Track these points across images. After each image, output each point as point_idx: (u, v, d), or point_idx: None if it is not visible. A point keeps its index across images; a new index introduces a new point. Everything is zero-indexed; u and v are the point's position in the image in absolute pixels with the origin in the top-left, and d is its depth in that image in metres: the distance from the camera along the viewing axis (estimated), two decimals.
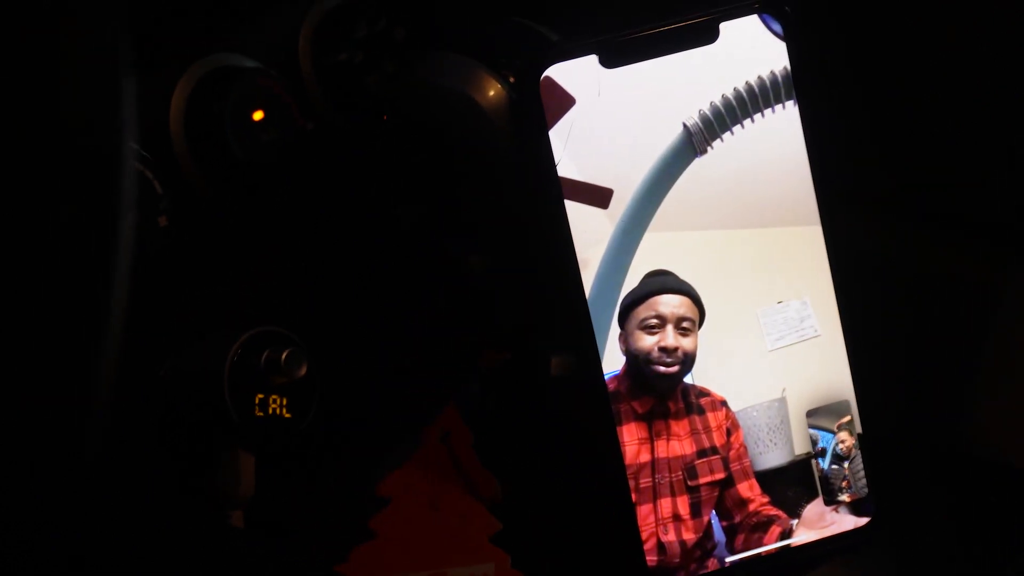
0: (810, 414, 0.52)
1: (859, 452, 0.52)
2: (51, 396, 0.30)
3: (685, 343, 0.51)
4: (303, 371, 0.49)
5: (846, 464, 0.52)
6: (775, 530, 0.52)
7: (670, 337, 0.51)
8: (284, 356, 0.48)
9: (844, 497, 0.52)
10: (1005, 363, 0.54)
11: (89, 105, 0.30)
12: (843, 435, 0.52)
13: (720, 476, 0.51)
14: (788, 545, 0.52)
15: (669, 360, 0.51)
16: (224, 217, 0.52)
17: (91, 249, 0.30)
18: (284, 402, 0.50)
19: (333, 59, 0.55)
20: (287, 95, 0.52)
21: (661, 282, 0.50)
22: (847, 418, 0.52)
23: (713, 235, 0.51)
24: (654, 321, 0.50)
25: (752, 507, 0.52)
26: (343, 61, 0.55)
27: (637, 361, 0.51)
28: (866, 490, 0.52)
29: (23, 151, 0.29)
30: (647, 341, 0.51)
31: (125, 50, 0.31)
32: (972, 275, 0.54)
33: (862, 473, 0.52)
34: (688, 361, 0.51)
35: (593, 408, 0.51)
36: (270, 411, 0.49)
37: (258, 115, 0.51)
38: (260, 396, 0.49)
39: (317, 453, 0.54)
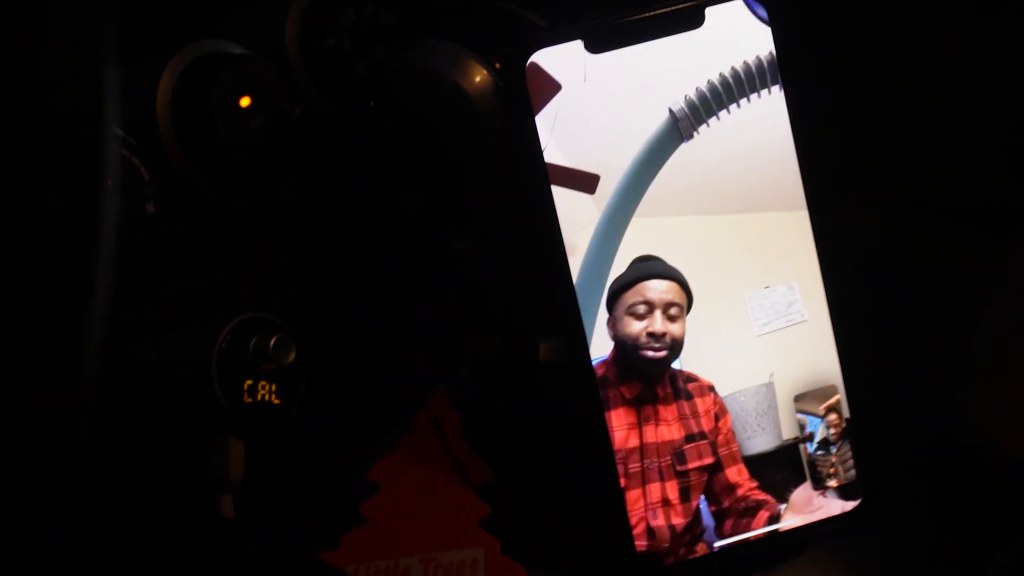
0: (798, 399, 0.52)
1: (847, 437, 0.52)
2: (37, 384, 0.30)
3: (673, 328, 0.51)
4: (292, 357, 0.49)
5: (834, 449, 0.52)
6: (763, 515, 0.52)
7: (658, 322, 0.51)
8: (272, 342, 0.48)
9: (832, 482, 0.52)
10: (992, 350, 0.54)
11: (71, 91, 0.30)
12: (831, 420, 0.52)
13: (708, 461, 0.51)
14: (776, 530, 0.52)
15: (657, 345, 0.51)
16: (212, 204, 0.52)
17: (75, 236, 0.30)
18: (273, 388, 0.50)
19: (321, 45, 0.54)
20: (275, 81, 0.52)
21: (649, 267, 0.50)
22: (835, 403, 0.52)
23: (700, 220, 0.51)
24: (642, 307, 0.51)
25: (740, 492, 0.52)
26: (331, 47, 0.55)
27: (625, 347, 0.51)
28: (854, 475, 0.52)
29: (3, 139, 0.29)
30: (635, 327, 0.51)
31: (109, 35, 0.31)
32: (957, 261, 0.54)
33: (850, 458, 0.52)
34: (676, 346, 0.51)
35: (581, 393, 0.51)
36: (259, 397, 0.49)
37: (245, 101, 0.51)
38: (249, 382, 0.49)
39: (307, 439, 0.54)
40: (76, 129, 0.30)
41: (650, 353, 0.51)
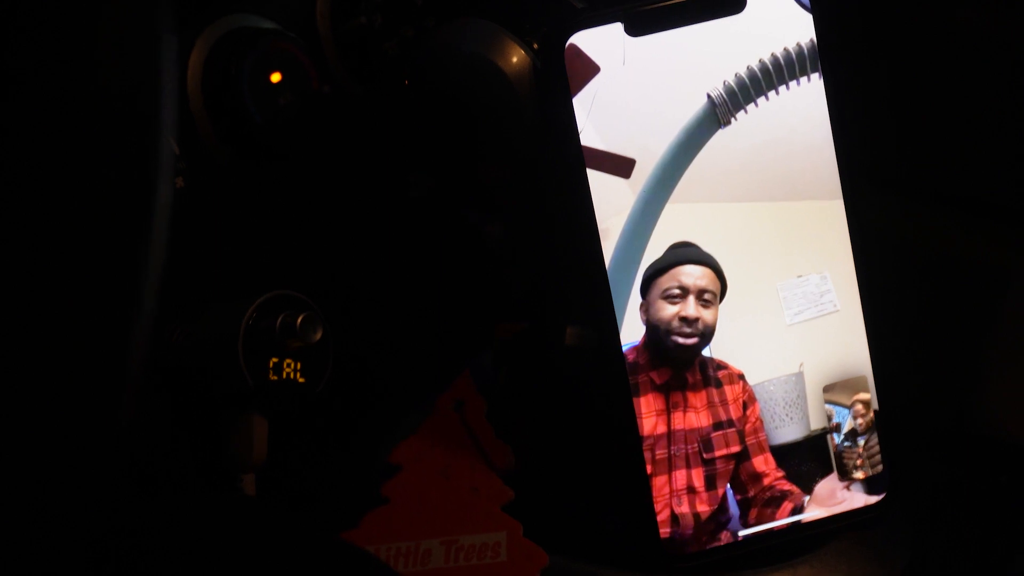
0: (827, 389, 0.52)
1: (874, 429, 0.52)
2: (87, 364, 0.30)
3: (705, 315, 0.51)
4: (318, 336, 0.49)
5: (861, 441, 0.52)
6: (788, 505, 0.52)
7: (691, 307, 0.50)
8: (299, 320, 0.48)
9: (858, 474, 0.52)
10: (1016, 344, 0.54)
11: (128, 66, 0.29)
12: (859, 411, 0.52)
13: (735, 449, 0.51)
14: (800, 520, 0.52)
15: (689, 331, 0.50)
16: (240, 180, 0.51)
17: (128, 213, 0.30)
18: (298, 366, 0.50)
19: (351, 22, 0.54)
20: (306, 58, 0.52)
21: (685, 253, 0.50)
22: (864, 394, 0.52)
23: (735, 207, 0.50)
24: (676, 291, 0.50)
25: (766, 481, 0.51)
26: (362, 24, 0.54)
27: (657, 332, 0.50)
28: (880, 467, 0.52)
29: (62, 113, 0.28)
30: (668, 311, 0.50)
31: (165, 10, 0.30)
32: (990, 257, 0.53)
33: (877, 450, 0.52)
34: (708, 333, 0.51)
35: (610, 378, 0.50)
36: (284, 375, 0.49)
37: (275, 77, 0.51)
38: (274, 360, 0.49)
39: (330, 418, 0.54)
40: (129, 102, 0.30)
41: (681, 339, 0.50)
